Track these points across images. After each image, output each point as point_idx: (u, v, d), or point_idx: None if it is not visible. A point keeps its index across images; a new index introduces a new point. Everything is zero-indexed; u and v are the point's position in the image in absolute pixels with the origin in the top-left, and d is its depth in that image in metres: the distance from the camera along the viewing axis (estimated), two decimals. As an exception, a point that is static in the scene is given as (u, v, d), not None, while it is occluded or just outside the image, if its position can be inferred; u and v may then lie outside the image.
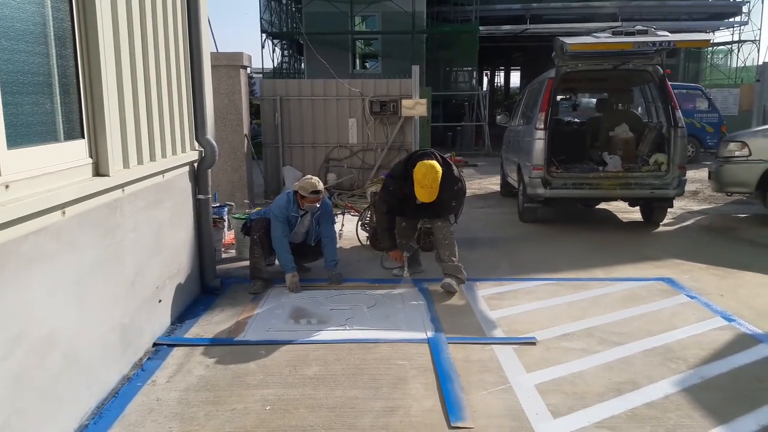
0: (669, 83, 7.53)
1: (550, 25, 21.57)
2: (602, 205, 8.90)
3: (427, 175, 4.67)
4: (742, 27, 23.98)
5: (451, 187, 4.93)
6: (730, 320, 4.36)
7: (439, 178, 4.71)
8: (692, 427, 2.92)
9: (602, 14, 21.69)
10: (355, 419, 2.99)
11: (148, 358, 3.70)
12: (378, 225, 5.41)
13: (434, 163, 4.76)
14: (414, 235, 5.55)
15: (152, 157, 3.91)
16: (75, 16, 3.04)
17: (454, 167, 5.06)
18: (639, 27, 7.26)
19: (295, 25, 22.05)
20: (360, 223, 6.78)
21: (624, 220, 8.35)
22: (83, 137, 3.14)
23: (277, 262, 5.32)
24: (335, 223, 5.60)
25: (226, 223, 6.42)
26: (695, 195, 10.16)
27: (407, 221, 5.37)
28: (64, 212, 2.76)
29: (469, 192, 5.97)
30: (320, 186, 5.03)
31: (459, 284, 5.04)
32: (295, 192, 5.09)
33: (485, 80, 32.36)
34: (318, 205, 5.11)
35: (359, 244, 6.66)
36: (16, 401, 2.40)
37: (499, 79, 43.10)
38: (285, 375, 3.48)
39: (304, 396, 3.23)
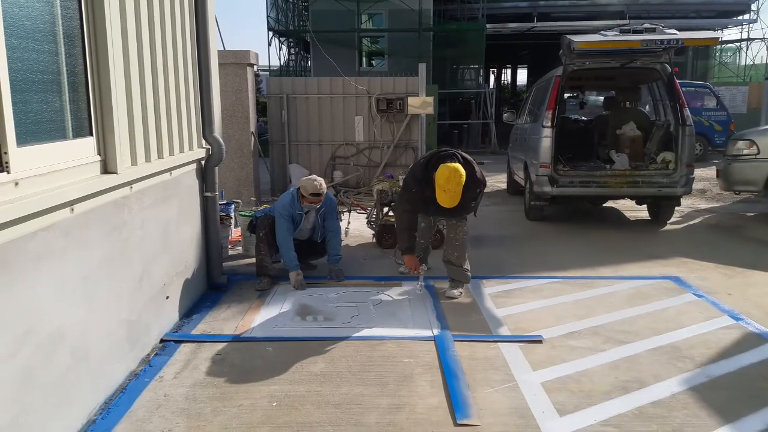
0: (677, 81, 7.49)
1: (557, 22, 21.52)
2: (609, 204, 8.87)
3: (451, 180, 4.30)
4: (750, 25, 23.80)
5: (473, 190, 4.61)
6: (737, 319, 4.34)
7: (463, 182, 4.34)
8: (699, 426, 2.92)
9: (610, 12, 21.55)
10: (361, 416, 3.00)
11: (156, 354, 3.72)
12: (397, 224, 5.08)
13: (458, 165, 4.37)
14: (430, 235, 5.28)
15: (160, 155, 3.93)
16: (84, 14, 3.06)
17: (476, 167, 4.66)
18: (647, 25, 7.23)
19: (301, 23, 22.07)
20: (367, 220, 6.78)
21: (631, 219, 8.31)
22: (92, 135, 3.16)
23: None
24: (341, 220, 5.58)
25: (232, 221, 6.45)
26: (703, 193, 10.11)
27: (424, 221, 5.07)
28: (72, 209, 2.78)
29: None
30: (322, 189, 4.98)
31: (463, 286, 4.95)
32: (298, 189, 5.10)
33: (492, 78, 32.24)
34: (317, 206, 5.11)
35: (369, 241, 6.65)
36: (24, 397, 2.42)
37: (506, 76, 43.06)
38: (291, 371, 3.49)
39: (311, 392, 3.24)
